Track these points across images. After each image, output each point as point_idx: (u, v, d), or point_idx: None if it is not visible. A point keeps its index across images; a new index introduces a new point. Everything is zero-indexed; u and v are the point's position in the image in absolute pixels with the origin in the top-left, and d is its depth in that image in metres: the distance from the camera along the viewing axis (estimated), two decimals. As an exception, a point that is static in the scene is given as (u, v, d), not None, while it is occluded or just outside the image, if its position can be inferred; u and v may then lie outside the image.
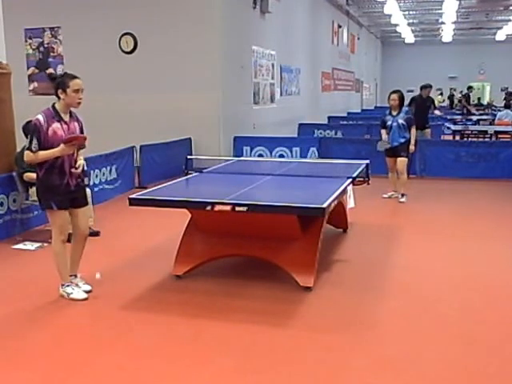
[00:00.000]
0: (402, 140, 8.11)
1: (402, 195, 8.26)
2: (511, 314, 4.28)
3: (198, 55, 10.75)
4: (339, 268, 5.34)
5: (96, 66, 11.28)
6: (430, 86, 12.25)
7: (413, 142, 8.16)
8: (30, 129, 4.29)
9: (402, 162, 8.19)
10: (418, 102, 11.96)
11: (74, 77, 4.33)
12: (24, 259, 5.69)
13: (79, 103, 4.35)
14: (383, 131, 8.30)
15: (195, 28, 10.69)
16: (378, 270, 5.30)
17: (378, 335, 3.90)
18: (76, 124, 4.46)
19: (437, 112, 12.39)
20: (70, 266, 4.62)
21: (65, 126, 4.33)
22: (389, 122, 8.19)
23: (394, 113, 8.17)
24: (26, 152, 4.28)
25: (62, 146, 4.23)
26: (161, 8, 10.87)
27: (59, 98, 4.32)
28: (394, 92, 8.29)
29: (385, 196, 8.41)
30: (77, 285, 4.61)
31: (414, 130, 8.18)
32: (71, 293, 4.42)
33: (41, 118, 4.26)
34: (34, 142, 4.22)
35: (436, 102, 19.36)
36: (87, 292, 4.57)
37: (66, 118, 4.37)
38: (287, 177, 5.92)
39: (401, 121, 8.09)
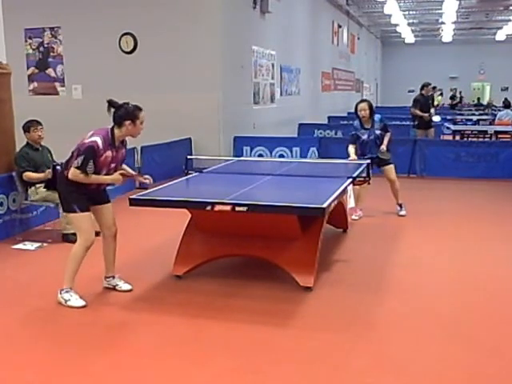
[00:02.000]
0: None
1: (401, 206, 7.37)
2: None
3: (198, 55, 10.75)
4: (339, 268, 5.34)
5: (96, 66, 11.29)
6: (430, 84, 12.30)
7: (385, 142, 7.10)
8: (86, 150, 4.19)
9: (390, 169, 7.23)
10: (421, 101, 11.97)
11: (141, 108, 4.37)
12: (24, 259, 5.68)
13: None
14: (351, 149, 7.02)
15: (195, 28, 10.69)
16: (378, 269, 5.30)
17: (377, 335, 3.90)
18: (123, 151, 4.48)
19: (431, 111, 12.36)
20: (105, 266, 4.65)
21: (114, 154, 4.34)
22: (364, 137, 7.08)
23: (368, 125, 7.12)
24: (75, 170, 4.19)
25: (119, 176, 4.33)
26: (161, 8, 10.87)
27: (120, 126, 4.30)
28: (362, 101, 7.30)
29: (354, 218, 7.12)
30: (116, 285, 4.66)
31: (389, 135, 7.19)
32: (68, 299, 4.35)
33: (99, 142, 4.22)
34: (90, 164, 4.18)
35: (436, 102, 19.42)
36: (128, 291, 4.61)
37: (117, 144, 4.37)
38: (287, 177, 5.92)
39: (378, 132, 7.11)
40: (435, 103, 15.05)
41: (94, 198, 4.44)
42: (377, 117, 7.22)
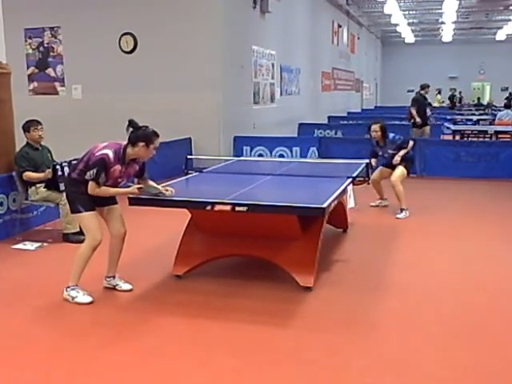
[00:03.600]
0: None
1: (401, 210, 7.32)
2: None
3: (198, 55, 10.75)
4: (339, 268, 5.34)
5: (96, 65, 11.29)
6: (429, 86, 12.69)
7: (400, 154, 7.31)
8: (98, 162, 4.25)
9: (399, 170, 7.35)
10: (420, 101, 12.30)
11: (158, 134, 4.43)
12: (24, 259, 5.68)
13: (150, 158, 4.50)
14: (373, 160, 7.34)
15: (195, 28, 10.69)
16: (378, 269, 5.30)
17: (377, 335, 3.90)
18: (135, 165, 4.52)
19: (427, 110, 12.81)
20: (108, 265, 4.67)
21: (123, 169, 4.40)
22: (380, 153, 7.54)
23: (382, 144, 7.44)
24: (92, 183, 4.28)
25: (135, 189, 4.41)
26: (161, 8, 10.87)
27: (134, 145, 4.33)
28: (375, 123, 7.46)
29: (372, 204, 7.86)
30: (116, 285, 4.68)
31: (406, 150, 7.38)
32: (76, 296, 4.40)
33: (111, 155, 4.28)
34: (102, 176, 4.27)
35: (436, 102, 19.55)
36: (128, 291, 4.63)
37: (127, 161, 4.41)
38: (287, 177, 5.92)
39: (391, 151, 7.38)
40: (436, 103, 15.31)
41: (101, 199, 4.45)
42: (391, 136, 7.43)
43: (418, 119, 12.14)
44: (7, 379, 3.34)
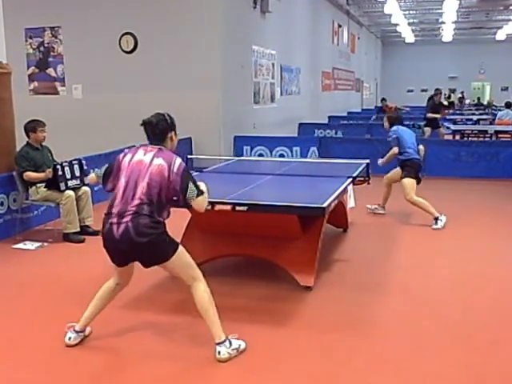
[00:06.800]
0: None
1: (436, 220, 6.73)
2: None
3: (198, 55, 10.74)
4: (339, 268, 5.34)
5: (96, 65, 11.28)
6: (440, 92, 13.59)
7: (386, 157, 7.03)
8: (189, 171, 3.67)
9: (402, 184, 6.91)
10: (431, 105, 12.91)
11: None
12: (24, 259, 5.69)
13: None
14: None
15: (195, 28, 10.68)
16: (378, 269, 5.31)
17: (377, 335, 3.90)
18: None
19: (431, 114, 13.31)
20: (92, 318, 3.82)
21: None
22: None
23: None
24: (203, 198, 3.68)
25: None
26: (161, 8, 10.87)
27: (166, 139, 3.70)
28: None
29: (368, 207, 7.55)
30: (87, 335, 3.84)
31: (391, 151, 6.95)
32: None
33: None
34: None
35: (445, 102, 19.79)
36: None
37: None
38: (287, 176, 5.92)
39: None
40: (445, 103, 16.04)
41: (129, 254, 3.75)
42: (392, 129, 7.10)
43: (438, 115, 13.03)
44: (7, 379, 3.34)
